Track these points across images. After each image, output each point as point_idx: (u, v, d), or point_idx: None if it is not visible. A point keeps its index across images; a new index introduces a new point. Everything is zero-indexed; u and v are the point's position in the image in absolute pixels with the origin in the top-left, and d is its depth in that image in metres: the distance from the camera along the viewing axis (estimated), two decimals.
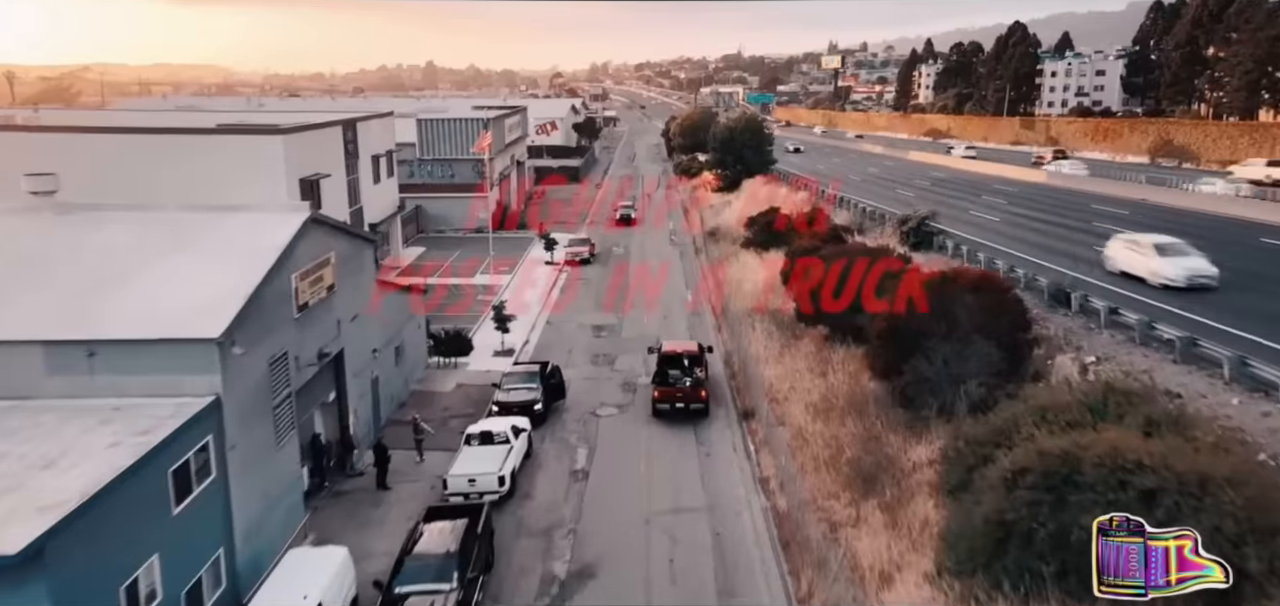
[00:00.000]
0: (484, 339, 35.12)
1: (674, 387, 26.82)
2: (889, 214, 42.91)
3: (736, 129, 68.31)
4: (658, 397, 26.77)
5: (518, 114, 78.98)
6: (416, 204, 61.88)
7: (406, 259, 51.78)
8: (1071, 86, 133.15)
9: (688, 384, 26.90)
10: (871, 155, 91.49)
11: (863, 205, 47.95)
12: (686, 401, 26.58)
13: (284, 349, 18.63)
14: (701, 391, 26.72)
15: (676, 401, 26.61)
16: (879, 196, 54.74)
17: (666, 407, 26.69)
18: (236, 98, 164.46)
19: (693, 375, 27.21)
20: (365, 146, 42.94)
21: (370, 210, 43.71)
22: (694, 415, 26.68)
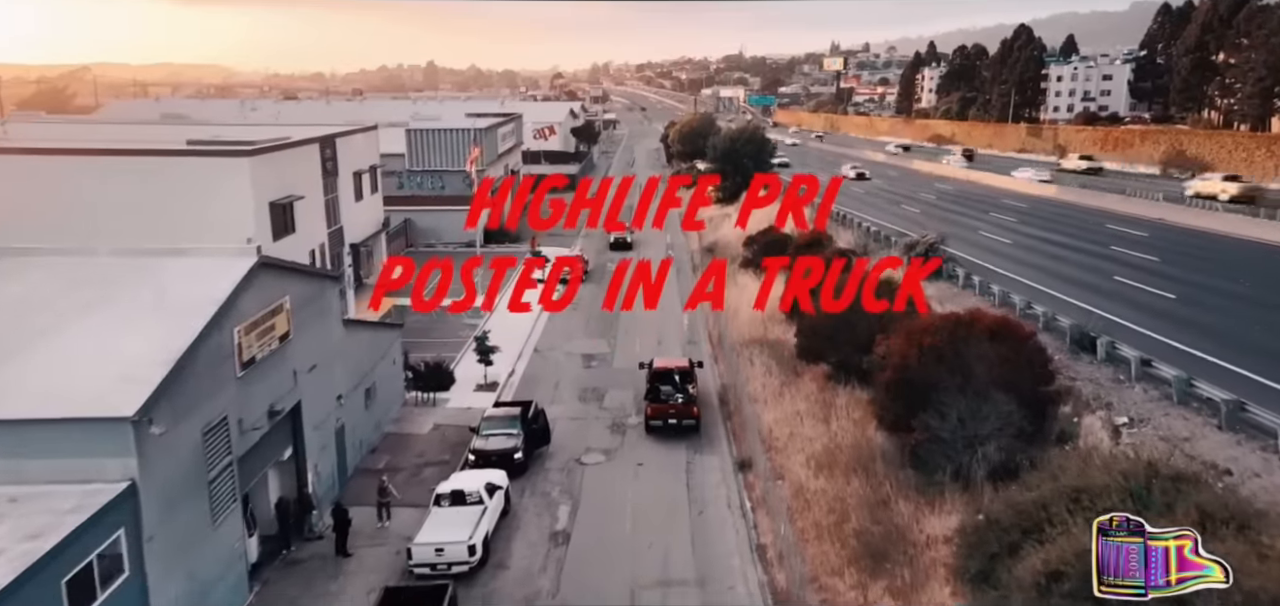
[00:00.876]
0: (467, 371, 33.12)
1: (666, 404, 27.42)
2: (896, 235, 40.87)
3: (737, 139, 66.26)
4: (651, 414, 27.44)
5: (512, 121, 76.99)
6: (405, 217, 60.00)
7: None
8: (1078, 91, 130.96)
9: (680, 400, 27.45)
10: (875, 163, 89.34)
11: (867, 225, 45.86)
12: (679, 417, 27.25)
13: (224, 413, 16.66)
14: (693, 408, 27.34)
15: (669, 417, 27.27)
16: (884, 212, 52.70)
17: (660, 424, 27.25)
18: (231, 100, 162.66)
19: (685, 392, 27.72)
20: (346, 163, 40.99)
21: (351, 229, 41.76)
22: (686, 431, 27.04)
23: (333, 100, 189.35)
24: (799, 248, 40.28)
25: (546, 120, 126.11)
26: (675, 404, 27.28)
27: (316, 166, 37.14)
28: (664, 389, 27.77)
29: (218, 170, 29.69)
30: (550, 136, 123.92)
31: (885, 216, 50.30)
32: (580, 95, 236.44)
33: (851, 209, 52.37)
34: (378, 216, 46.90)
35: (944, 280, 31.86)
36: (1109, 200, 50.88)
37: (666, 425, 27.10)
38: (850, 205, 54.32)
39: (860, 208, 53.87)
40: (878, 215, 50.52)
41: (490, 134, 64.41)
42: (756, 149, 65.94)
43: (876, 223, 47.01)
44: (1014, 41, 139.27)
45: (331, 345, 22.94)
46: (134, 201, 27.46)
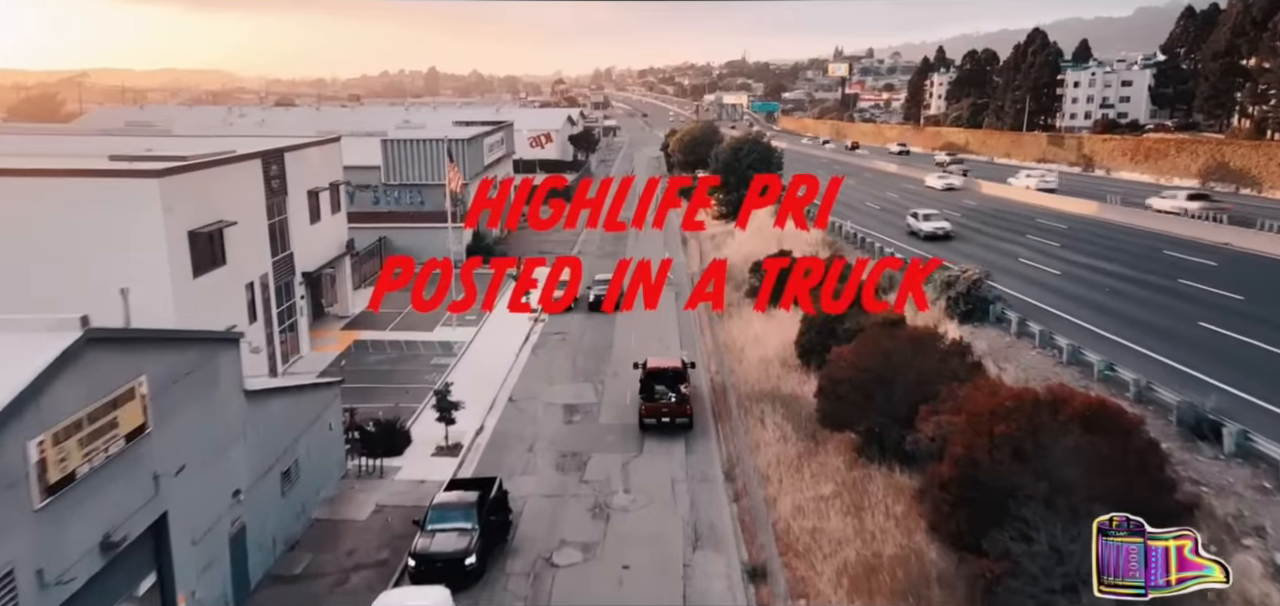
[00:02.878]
0: (426, 430, 27.98)
1: (660, 403, 27.95)
2: (923, 261, 35.68)
3: (741, 149, 61.17)
4: (645, 413, 28.03)
5: (501, 130, 71.97)
6: (381, 236, 55.00)
7: (359, 305, 44.74)
8: (1095, 97, 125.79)
9: (673, 399, 27.95)
10: (887, 175, 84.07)
11: (888, 249, 40.68)
12: (672, 416, 27.86)
13: (9, 566, 11.54)
14: (686, 408, 27.95)
15: (662, 416, 27.89)
16: (906, 235, 47.54)
17: (653, 422, 27.92)
18: (218, 107, 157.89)
19: (677, 391, 28.16)
20: (298, 180, 35.95)
21: (306, 255, 36.69)
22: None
23: (324, 107, 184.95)
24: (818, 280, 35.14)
25: (543, 127, 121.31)
26: (668, 403, 27.84)
27: (258, 185, 32.08)
28: (658, 388, 28.28)
29: (119, 194, 24.64)
30: (547, 144, 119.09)
31: (903, 237, 45.25)
32: (581, 101, 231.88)
33: (868, 228, 47.24)
34: (340, 237, 41.83)
35: (993, 325, 26.73)
36: (1159, 221, 45.71)
37: (660, 424, 27.70)
38: (866, 224, 49.21)
39: (879, 228, 48.70)
40: (896, 235, 45.42)
41: (475, 145, 59.42)
42: (761, 159, 60.80)
43: (896, 246, 41.87)
44: (1027, 46, 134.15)
45: (225, 427, 17.84)
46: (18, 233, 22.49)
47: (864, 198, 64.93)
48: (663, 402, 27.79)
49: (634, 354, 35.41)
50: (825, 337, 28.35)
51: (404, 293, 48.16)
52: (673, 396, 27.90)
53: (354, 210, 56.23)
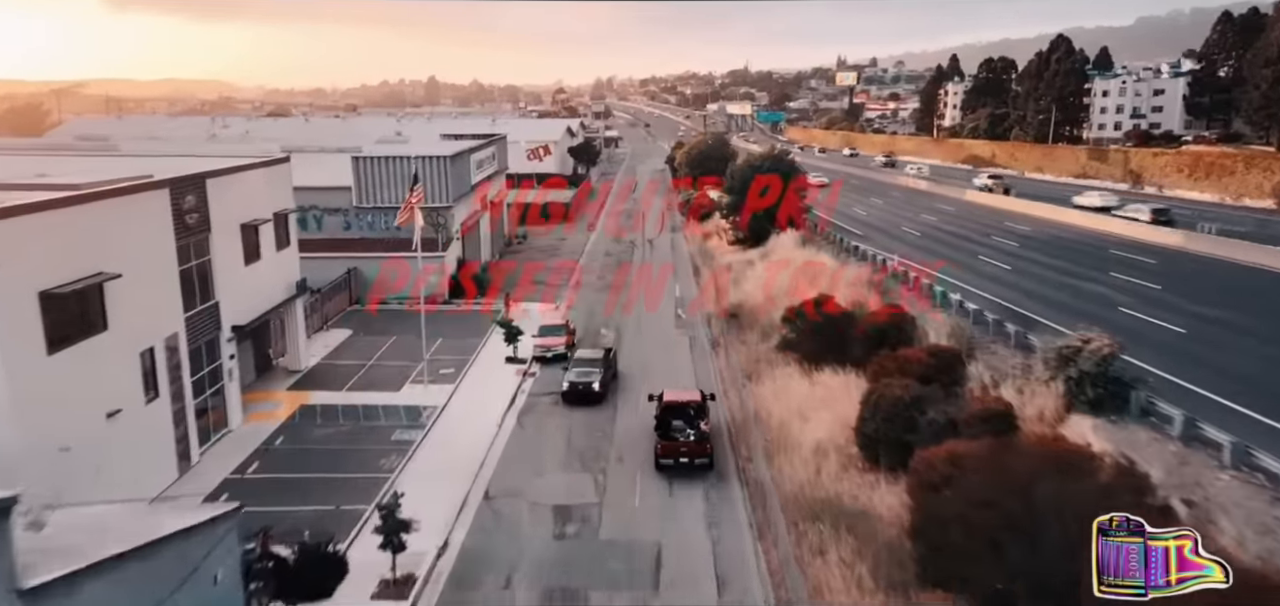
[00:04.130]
0: (368, 553, 20.89)
1: (678, 441, 25.89)
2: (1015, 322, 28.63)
3: (761, 167, 54.23)
4: (661, 452, 25.81)
5: (492, 144, 65.03)
6: (350, 267, 48.04)
7: (316, 355, 37.77)
8: (1126, 107, 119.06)
9: (692, 438, 25.96)
10: (917, 193, 76.97)
11: (951, 293, 33.51)
12: (691, 455, 25.65)
13: None
14: (706, 446, 25.87)
15: (681, 455, 25.68)
16: (966, 269, 40.52)
17: (670, 462, 25.70)
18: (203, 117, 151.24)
19: (697, 428, 26.18)
20: (228, 211, 29.00)
21: (239, 304, 29.67)
22: None
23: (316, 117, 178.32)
24: (872, 338, 28.11)
25: (541, 139, 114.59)
26: (687, 441, 25.80)
27: (164, 222, 25.11)
28: (675, 423, 26.29)
29: None
30: (545, 157, 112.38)
31: (966, 275, 38.23)
32: (582, 111, 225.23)
33: (919, 264, 40.18)
34: (289, 277, 34.82)
35: (1137, 420, 19.61)
36: (1259, 254, 38.70)
37: (678, 464, 25.55)
38: (913, 257, 42.16)
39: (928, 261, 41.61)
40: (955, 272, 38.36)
41: (459, 162, 52.49)
42: (784, 179, 53.83)
43: (966, 290, 34.74)
44: (1050, 54, 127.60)
45: None
46: None
47: (897, 220, 58.04)
48: (681, 441, 25.66)
49: (641, 424, 28.54)
50: (900, 427, 21.35)
51: (372, 337, 41.27)
52: (692, 434, 25.84)
53: (321, 237, 49.68)
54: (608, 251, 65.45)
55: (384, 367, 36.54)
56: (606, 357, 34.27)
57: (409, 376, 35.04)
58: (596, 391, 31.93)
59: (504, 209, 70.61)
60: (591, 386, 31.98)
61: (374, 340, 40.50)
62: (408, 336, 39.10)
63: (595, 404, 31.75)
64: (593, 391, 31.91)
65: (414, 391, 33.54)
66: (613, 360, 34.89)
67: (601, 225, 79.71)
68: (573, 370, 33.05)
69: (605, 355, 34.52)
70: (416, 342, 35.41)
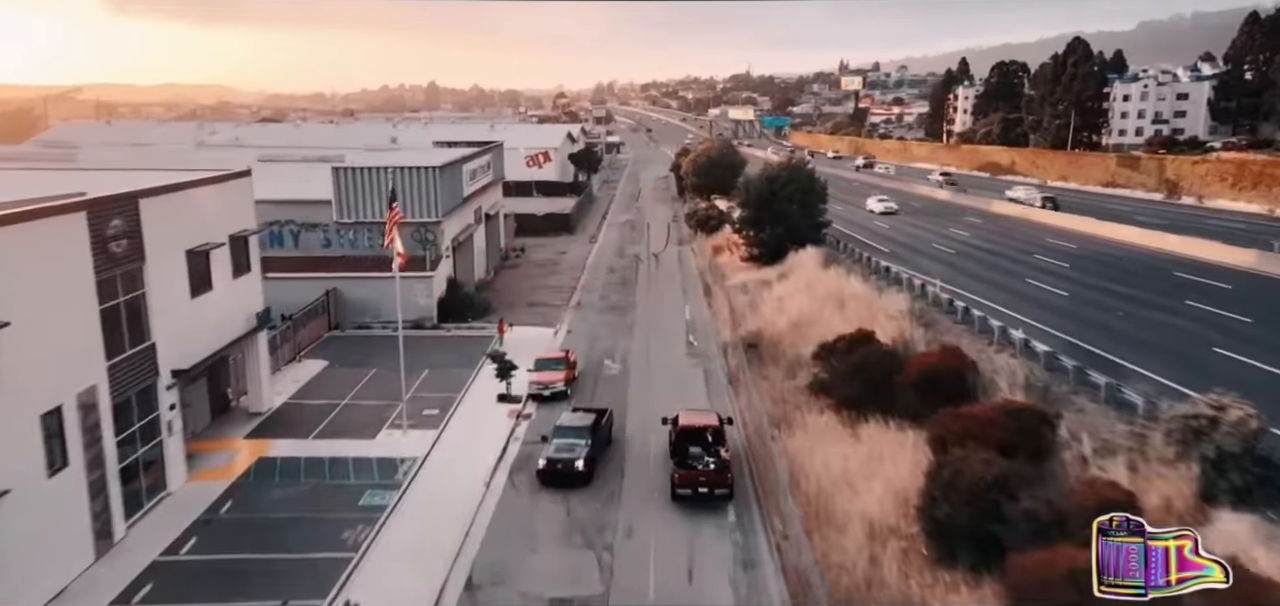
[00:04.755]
0: None
1: (696, 470, 23.99)
2: (1064, 349, 24.26)
3: (778, 180, 49.89)
4: (678, 482, 23.81)
5: (488, 152, 60.75)
6: (330, 288, 43.75)
7: (284, 392, 33.48)
8: (1147, 112, 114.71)
9: (712, 466, 24.09)
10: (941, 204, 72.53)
11: (1005, 326, 29.02)
12: (711, 486, 23.75)
13: None
14: (727, 476, 23.94)
15: (700, 486, 23.72)
16: (1013, 295, 36.19)
17: (688, 493, 23.72)
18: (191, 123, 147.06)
19: (717, 455, 24.50)
20: (170, 235, 24.75)
21: (183, 343, 25.36)
22: None
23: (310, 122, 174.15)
24: (924, 385, 23.77)
25: (540, 145, 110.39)
26: (706, 471, 24.12)
27: (79, 253, 20.80)
28: (692, 450, 24.93)
29: None
30: (545, 164, 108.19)
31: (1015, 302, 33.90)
32: (583, 116, 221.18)
33: (960, 289, 35.84)
34: (250, 306, 30.50)
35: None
36: None
37: (696, 495, 23.76)
38: (952, 279, 37.78)
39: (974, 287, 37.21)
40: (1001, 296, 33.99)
41: (450, 173, 48.22)
42: (806, 195, 49.54)
43: (1018, 318, 30.39)
44: (1067, 57, 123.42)
45: None
46: None
47: (928, 237, 53.69)
48: (700, 471, 23.96)
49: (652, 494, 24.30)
50: (984, 515, 16.99)
51: (353, 364, 37.01)
52: (711, 462, 24.24)
53: (298, 255, 45.50)
54: (611, 267, 61.20)
55: (360, 408, 32.22)
56: (597, 424, 26.94)
57: (387, 419, 30.74)
58: (580, 471, 24.98)
59: (501, 220, 66.34)
60: (573, 465, 25.03)
61: (352, 373, 36.22)
62: (390, 368, 34.75)
63: (581, 486, 24.95)
64: (575, 471, 24.99)
65: (391, 439, 29.24)
66: (606, 426, 27.94)
67: (603, 237, 75.46)
68: (553, 441, 26.11)
69: (596, 420, 27.19)
70: (398, 374, 31.13)
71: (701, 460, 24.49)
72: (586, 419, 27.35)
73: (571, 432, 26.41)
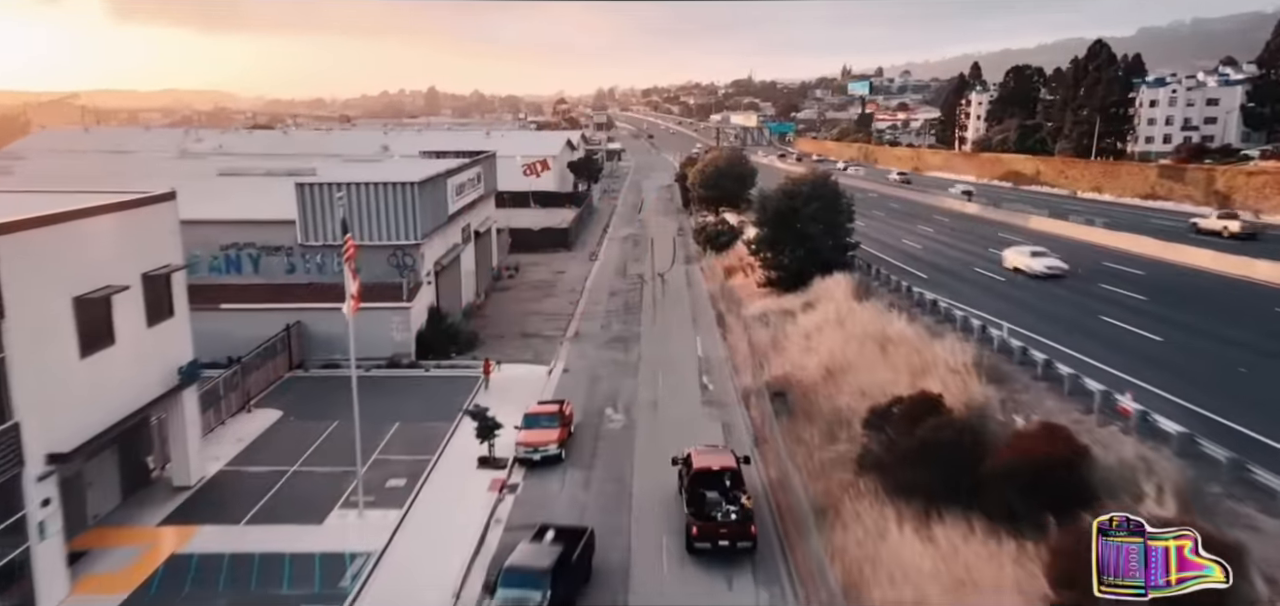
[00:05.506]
0: None
1: (716, 521, 21.25)
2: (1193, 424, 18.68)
3: (799, 195, 44.36)
4: (696, 534, 21.15)
5: (478, 164, 55.33)
6: (293, 321, 38.26)
7: (222, 455, 28.01)
8: (1176, 118, 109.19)
9: (734, 517, 21.24)
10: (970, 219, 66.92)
11: (1108, 390, 23.27)
12: (732, 538, 21.04)
13: None
14: (751, 527, 21.21)
15: (720, 538, 21.02)
16: (1085, 336, 30.66)
17: (708, 546, 21.08)
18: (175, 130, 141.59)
19: (739, 503, 21.71)
20: (40, 282, 19.25)
21: (67, 415, 19.85)
22: None
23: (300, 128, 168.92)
24: (1022, 478, 18.18)
25: (538, 153, 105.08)
26: (727, 522, 21.09)
27: None
28: (709, 495, 22.21)
29: None
30: (542, 173, 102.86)
31: (1090, 345, 28.36)
32: (583, 122, 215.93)
33: (1028, 331, 30.25)
34: (170, 360, 24.97)
35: None
36: None
37: (716, 548, 20.85)
38: (1018, 319, 32.18)
39: (1044, 328, 31.62)
40: (1084, 345, 28.42)
41: (431, 188, 42.81)
42: (831, 213, 43.99)
43: (1108, 370, 24.85)
44: (1088, 62, 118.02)
45: None
46: None
47: (964, 257, 48.15)
48: (721, 522, 21.34)
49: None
50: None
51: (308, 423, 31.48)
52: (733, 511, 21.59)
53: (258, 282, 40.16)
54: (612, 289, 55.75)
55: (311, 478, 26.78)
56: (564, 563, 18.94)
57: (343, 493, 25.25)
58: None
59: (493, 237, 60.90)
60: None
61: (308, 427, 30.74)
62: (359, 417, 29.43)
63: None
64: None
65: (343, 524, 23.75)
66: (582, 558, 20.09)
67: (604, 253, 70.02)
68: (499, 594, 18.36)
69: (563, 556, 19.08)
70: (367, 428, 25.76)
71: (720, 508, 21.86)
72: (548, 557, 18.85)
73: (525, 581, 18.21)
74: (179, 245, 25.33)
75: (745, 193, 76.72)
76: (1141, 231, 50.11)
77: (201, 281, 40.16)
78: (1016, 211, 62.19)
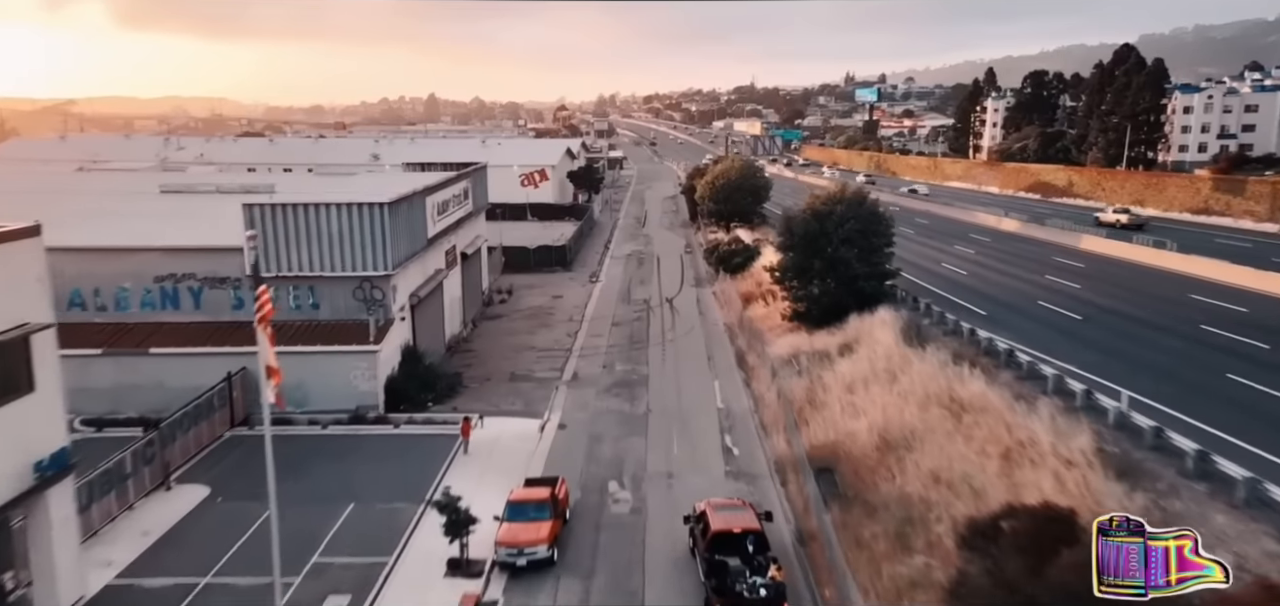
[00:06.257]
0: None
1: (743, 599, 18.24)
2: None
3: (830, 216, 38.28)
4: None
5: (466, 179, 49.26)
6: (235, 369, 32.09)
7: (117, 560, 21.91)
8: (1212, 125, 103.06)
9: (764, 593, 18.21)
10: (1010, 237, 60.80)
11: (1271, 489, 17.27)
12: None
13: None
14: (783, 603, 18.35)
15: None
16: (1210, 398, 24.56)
17: None
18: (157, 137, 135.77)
19: (765, 573, 18.67)
20: None
21: None
22: None
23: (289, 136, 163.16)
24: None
25: (536, 162, 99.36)
26: (758, 599, 18.17)
27: None
28: (732, 564, 19.10)
29: None
30: (541, 184, 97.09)
31: (1224, 413, 22.36)
32: (584, 129, 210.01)
33: (1142, 390, 24.18)
34: (26, 451, 18.79)
35: None
36: None
37: None
38: (1139, 383, 26.09)
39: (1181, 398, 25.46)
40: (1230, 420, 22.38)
41: (407, 208, 36.78)
42: (863, 232, 37.89)
43: (1260, 454, 18.90)
44: (1115, 66, 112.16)
45: None
46: None
47: (1021, 286, 41.85)
48: (749, 599, 18.00)
49: None
50: None
51: (240, 503, 25.31)
52: (762, 585, 18.16)
53: (200, 320, 34.20)
54: (615, 319, 49.65)
55: (228, 593, 20.64)
56: None
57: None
58: None
59: (483, 258, 54.81)
60: None
61: (240, 509, 24.54)
62: (302, 497, 23.44)
63: None
64: None
65: None
66: None
67: (606, 274, 63.92)
68: None
69: None
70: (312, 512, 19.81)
71: (745, 578, 18.76)
72: None
73: None
74: (45, 295, 19.20)
75: (758, 207, 70.77)
76: (1213, 254, 44.02)
77: (131, 319, 34.34)
78: (1065, 230, 55.97)
